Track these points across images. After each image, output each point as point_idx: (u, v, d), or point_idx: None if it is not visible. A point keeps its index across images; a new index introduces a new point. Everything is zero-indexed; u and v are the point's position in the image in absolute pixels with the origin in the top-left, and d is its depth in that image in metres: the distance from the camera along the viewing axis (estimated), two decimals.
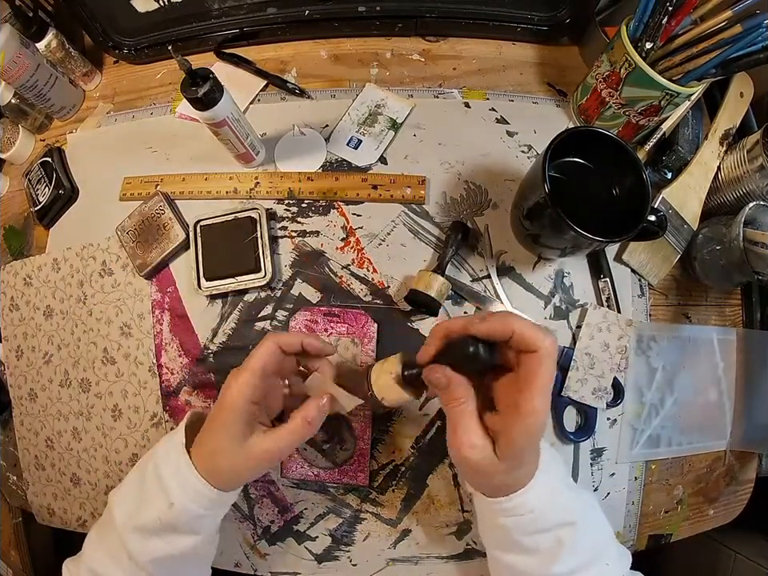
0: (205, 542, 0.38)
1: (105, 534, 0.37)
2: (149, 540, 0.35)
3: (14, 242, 0.59)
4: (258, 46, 0.59)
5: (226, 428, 0.35)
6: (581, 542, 0.34)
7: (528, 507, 0.33)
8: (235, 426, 0.34)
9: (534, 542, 0.33)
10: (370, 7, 0.54)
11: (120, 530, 0.35)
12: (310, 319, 0.48)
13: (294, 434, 0.36)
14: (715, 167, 0.53)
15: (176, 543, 0.35)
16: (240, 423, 0.35)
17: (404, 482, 0.47)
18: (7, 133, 0.59)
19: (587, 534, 0.34)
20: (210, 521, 0.37)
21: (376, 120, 0.54)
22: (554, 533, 0.33)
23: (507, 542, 0.35)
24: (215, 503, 0.36)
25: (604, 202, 0.45)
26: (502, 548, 0.36)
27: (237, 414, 0.34)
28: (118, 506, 0.36)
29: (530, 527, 0.33)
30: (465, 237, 0.49)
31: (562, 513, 0.34)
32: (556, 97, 0.56)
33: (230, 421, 0.35)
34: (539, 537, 0.33)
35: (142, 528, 0.34)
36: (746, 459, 0.53)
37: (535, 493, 0.33)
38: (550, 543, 0.33)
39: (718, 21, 0.40)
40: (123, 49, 0.58)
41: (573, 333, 0.49)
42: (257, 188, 0.53)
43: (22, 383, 0.55)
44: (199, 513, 0.35)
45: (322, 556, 0.47)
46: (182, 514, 0.34)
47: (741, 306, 0.54)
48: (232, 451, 0.34)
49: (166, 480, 0.35)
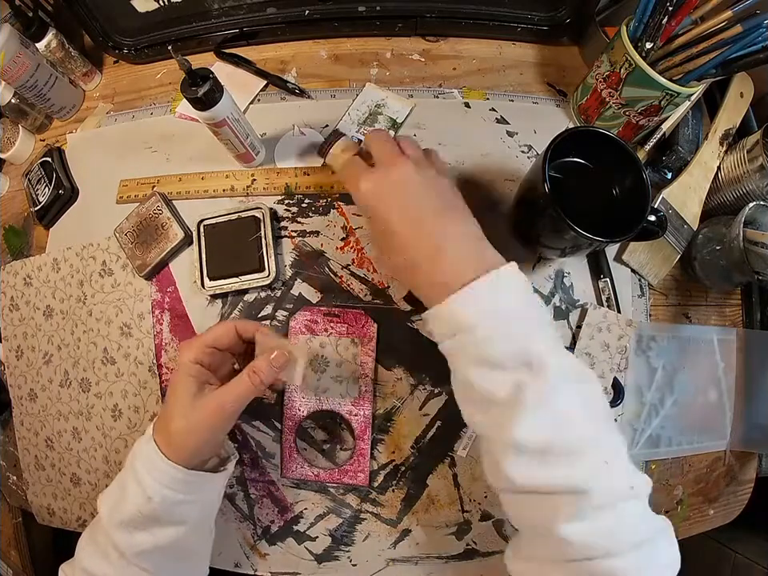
0: (192, 533, 0.38)
1: (94, 533, 0.37)
2: (133, 534, 0.35)
3: (14, 242, 0.59)
4: (258, 46, 0.59)
5: (177, 388, 0.36)
6: (550, 400, 0.27)
7: (459, 320, 0.28)
8: (184, 385, 0.36)
9: (483, 380, 0.29)
10: (370, 7, 0.54)
11: (106, 527, 0.35)
12: (310, 319, 0.49)
13: (240, 384, 0.36)
14: (715, 167, 0.53)
15: (160, 534, 0.35)
16: (189, 383, 0.36)
17: (404, 482, 0.47)
18: (7, 133, 0.59)
19: (560, 393, 0.28)
20: (191, 508, 0.37)
21: (376, 120, 0.54)
22: (512, 376, 0.28)
23: (458, 385, 0.32)
24: (190, 486, 0.36)
25: (604, 201, 0.45)
26: (459, 398, 0.33)
27: (185, 374, 0.36)
28: (103, 505, 0.37)
29: (472, 353, 0.29)
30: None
31: (517, 344, 0.28)
32: (556, 97, 0.56)
33: (179, 381, 0.37)
34: (490, 374, 0.28)
35: (127, 522, 0.35)
36: (745, 459, 0.53)
37: (477, 300, 0.28)
38: (506, 389, 0.28)
39: (717, 21, 0.40)
40: (123, 49, 0.58)
41: (573, 333, 0.49)
42: (253, 185, 0.53)
43: (22, 383, 0.55)
44: (177, 498, 0.35)
45: (321, 556, 0.47)
46: (161, 503, 0.35)
47: (741, 306, 0.54)
48: (185, 408, 0.36)
49: (140, 472, 0.35)
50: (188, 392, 0.36)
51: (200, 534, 0.40)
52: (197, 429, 0.36)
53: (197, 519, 0.38)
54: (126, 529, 0.35)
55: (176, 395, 0.36)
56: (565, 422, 0.28)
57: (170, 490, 0.35)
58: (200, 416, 0.36)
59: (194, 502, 0.37)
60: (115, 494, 0.37)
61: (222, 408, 0.36)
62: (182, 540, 0.37)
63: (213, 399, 0.36)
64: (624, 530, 0.28)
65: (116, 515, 0.35)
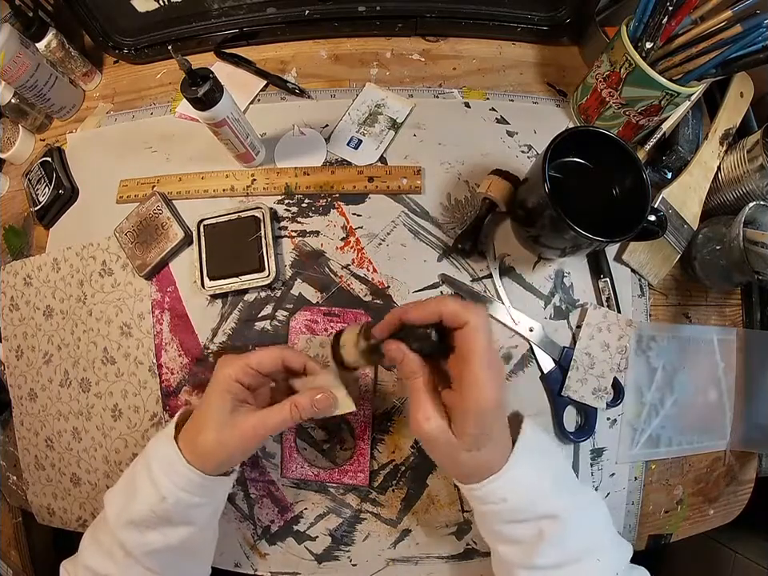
0: (200, 533, 0.38)
1: (99, 531, 0.37)
2: (144, 533, 0.35)
3: (14, 242, 0.59)
4: (258, 46, 0.59)
5: (213, 401, 0.36)
6: (567, 536, 0.33)
7: (499, 495, 0.33)
8: (222, 400, 0.36)
9: (513, 531, 0.34)
10: (370, 7, 0.54)
11: (113, 525, 0.36)
12: (310, 319, 0.49)
13: (281, 413, 0.37)
14: (715, 167, 0.53)
15: (171, 534, 0.36)
16: (226, 399, 0.36)
17: (404, 482, 0.47)
18: (7, 133, 0.59)
19: (575, 529, 0.34)
20: (203, 510, 0.37)
21: (376, 120, 0.54)
22: (534, 524, 0.33)
23: (489, 530, 0.36)
24: (206, 489, 0.36)
25: (604, 201, 0.45)
26: (487, 535, 0.37)
27: (224, 389, 0.37)
28: (110, 504, 0.37)
29: (506, 516, 0.33)
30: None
31: (542, 505, 0.33)
32: (556, 97, 0.56)
33: (216, 394, 0.37)
34: (518, 527, 0.34)
35: (138, 522, 0.35)
36: (745, 459, 0.53)
37: (506, 481, 0.33)
38: (531, 534, 0.33)
39: (718, 21, 0.40)
40: (123, 49, 0.58)
41: (573, 333, 0.49)
42: (253, 185, 0.53)
43: (22, 383, 0.55)
44: (192, 501, 0.36)
45: (322, 556, 0.47)
46: (175, 504, 0.35)
47: (741, 306, 0.54)
48: (219, 423, 0.36)
49: (156, 472, 0.36)
50: (224, 407, 0.36)
51: (207, 535, 0.40)
52: (228, 444, 0.36)
53: (206, 520, 0.39)
54: (137, 528, 0.35)
55: (211, 408, 0.37)
56: (582, 550, 0.34)
57: (186, 493, 0.35)
58: (233, 434, 0.36)
59: (207, 504, 0.38)
60: (126, 494, 0.37)
61: (256, 431, 0.36)
62: (190, 540, 0.37)
63: (249, 421, 0.36)
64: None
65: (125, 514, 0.35)
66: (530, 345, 0.48)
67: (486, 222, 0.49)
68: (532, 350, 0.48)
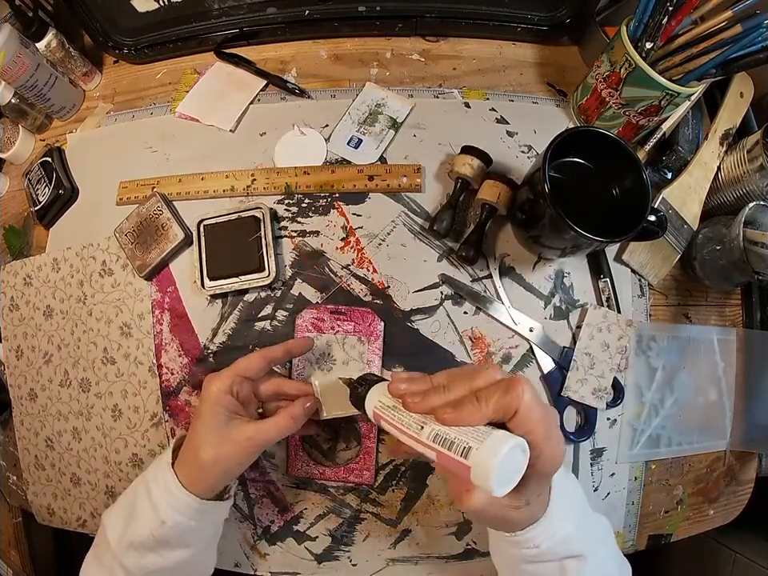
0: (198, 554, 0.39)
1: (100, 553, 0.38)
2: (143, 555, 0.36)
3: (14, 242, 0.59)
4: (258, 46, 0.59)
5: (207, 419, 0.37)
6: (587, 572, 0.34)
7: (535, 543, 0.32)
8: (216, 415, 0.37)
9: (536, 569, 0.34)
10: (370, 7, 0.54)
11: (114, 547, 0.37)
12: (316, 317, 0.48)
13: (278, 425, 0.38)
14: (715, 167, 0.53)
15: (169, 556, 0.37)
16: (220, 413, 0.37)
17: (404, 482, 0.47)
18: (7, 133, 0.59)
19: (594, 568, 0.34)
20: (200, 534, 0.39)
21: (376, 119, 0.54)
22: (558, 563, 0.34)
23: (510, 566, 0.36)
24: (202, 514, 0.37)
25: (604, 201, 0.45)
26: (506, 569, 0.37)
27: (216, 404, 0.37)
28: (111, 526, 0.38)
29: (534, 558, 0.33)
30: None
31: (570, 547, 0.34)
32: (556, 97, 0.56)
33: (209, 412, 0.37)
34: (542, 566, 0.34)
35: (137, 544, 0.36)
36: (745, 459, 0.53)
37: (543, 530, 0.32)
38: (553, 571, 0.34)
39: (718, 21, 0.40)
40: (123, 49, 0.58)
41: (573, 333, 0.49)
42: (253, 184, 0.52)
43: (22, 383, 0.55)
44: (189, 525, 0.37)
45: (321, 556, 0.47)
46: (173, 528, 0.36)
47: (741, 306, 0.54)
48: (215, 439, 0.36)
49: (156, 497, 0.36)
50: (218, 423, 0.37)
51: (205, 556, 0.42)
52: (225, 458, 0.37)
53: (203, 543, 0.40)
54: (137, 550, 0.36)
55: (206, 427, 0.37)
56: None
57: (184, 517, 0.36)
58: (231, 447, 0.36)
59: (204, 529, 0.39)
60: (126, 517, 0.38)
61: (253, 441, 0.37)
62: (187, 563, 0.38)
63: (245, 432, 0.37)
64: None
65: (127, 537, 0.36)
66: (530, 345, 0.48)
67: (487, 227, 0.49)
68: (532, 350, 0.48)
